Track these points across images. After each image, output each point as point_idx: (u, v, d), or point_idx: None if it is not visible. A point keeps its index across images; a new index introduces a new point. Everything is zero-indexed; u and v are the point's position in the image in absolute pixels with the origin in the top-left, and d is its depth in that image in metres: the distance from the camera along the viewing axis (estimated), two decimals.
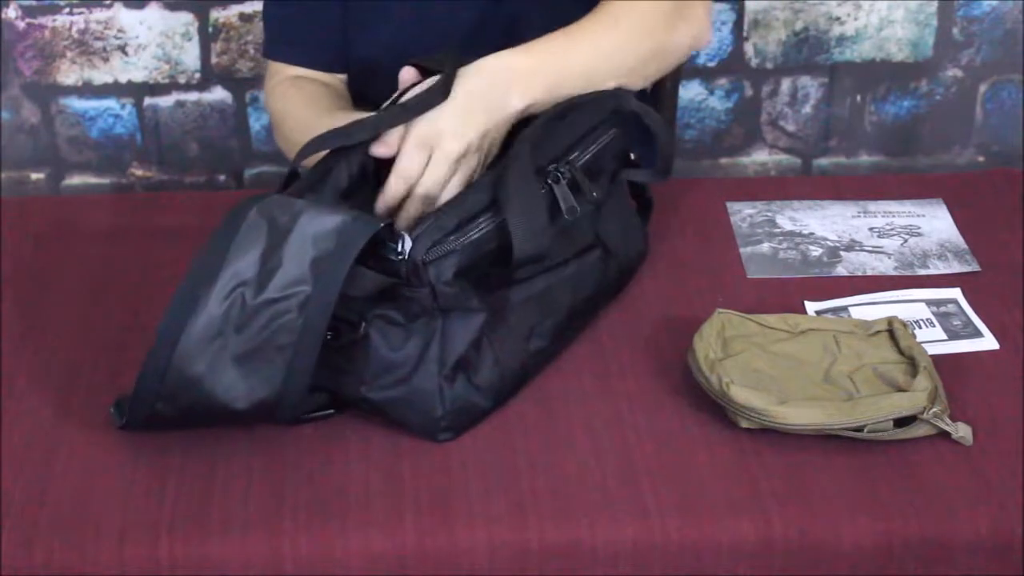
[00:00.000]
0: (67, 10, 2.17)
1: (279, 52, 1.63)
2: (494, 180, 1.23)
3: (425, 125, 1.28)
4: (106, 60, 2.20)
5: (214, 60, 2.22)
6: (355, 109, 1.57)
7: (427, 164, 1.28)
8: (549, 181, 1.26)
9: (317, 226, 1.14)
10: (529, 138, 1.27)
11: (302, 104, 1.57)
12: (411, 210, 1.28)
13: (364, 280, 1.15)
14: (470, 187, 1.24)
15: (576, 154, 1.30)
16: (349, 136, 1.27)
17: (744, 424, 1.20)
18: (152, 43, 2.20)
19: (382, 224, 1.15)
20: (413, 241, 1.15)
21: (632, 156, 1.42)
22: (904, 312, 1.36)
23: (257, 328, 1.12)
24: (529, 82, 1.33)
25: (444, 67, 1.32)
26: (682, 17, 1.45)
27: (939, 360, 1.26)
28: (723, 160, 2.36)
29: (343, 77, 1.65)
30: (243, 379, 1.13)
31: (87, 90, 2.23)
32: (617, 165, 1.36)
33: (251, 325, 1.12)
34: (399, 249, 1.15)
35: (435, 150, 1.27)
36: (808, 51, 2.26)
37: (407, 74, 1.35)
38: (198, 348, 1.12)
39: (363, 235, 1.14)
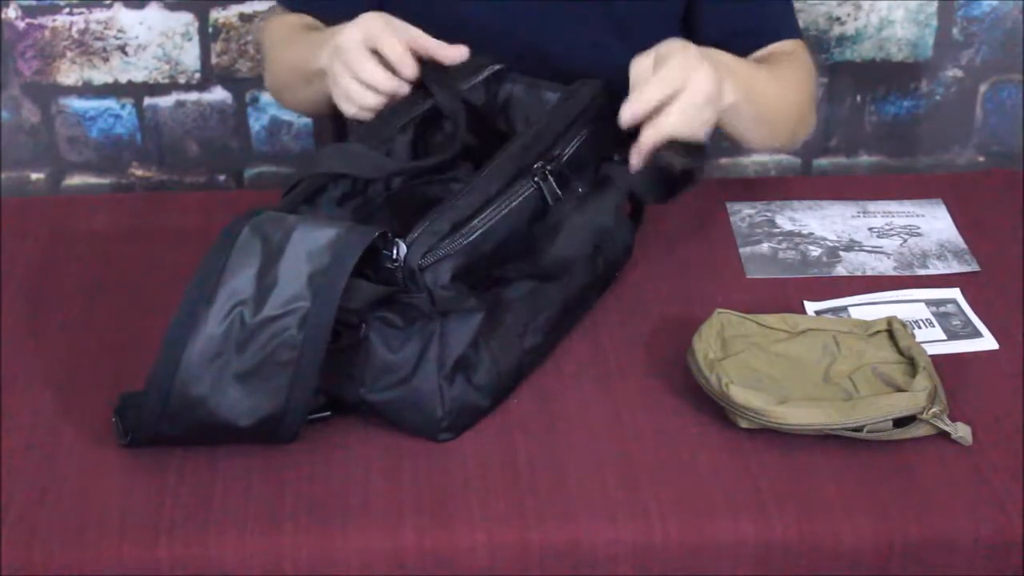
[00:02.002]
0: (67, 10, 2.17)
1: (300, 3, 1.61)
2: (486, 182, 1.23)
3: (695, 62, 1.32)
4: (106, 60, 2.20)
5: (214, 60, 2.22)
6: None
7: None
8: (536, 179, 1.27)
9: (311, 241, 1.14)
10: (556, 135, 1.30)
11: (287, 32, 1.58)
12: (667, 124, 1.30)
13: (361, 292, 1.15)
14: (461, 190, 1.23)
15: (559, 150, 1.30)
16: (357, 168, 1.27)
17: (744, 424, 1.20)
18: (152, 43, 2.20)
19: (376, 234, 1.15)
20: (408, 248, 1.15)
21: (615, 157, 1.42)
22: (903, 312, 1.36)
23: (258, 346, 1.13)
24: (740, 84, 1.39)
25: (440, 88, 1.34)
26: (813, 110, 1.57)
27: (938, 360, 1.26)
28: (723, 160, 2.36)
29: None
30: (247, 397, 1.14)
31: (87, 90, 2.23)
32: (598, 157, 1.36)
33: (252, 344, 1.13)
34: (394, 256, 1.15)
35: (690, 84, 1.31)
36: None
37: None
38: (199, 369, 1.12)
39: (357, 247, 1.14)
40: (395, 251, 1.16)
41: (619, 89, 1.35)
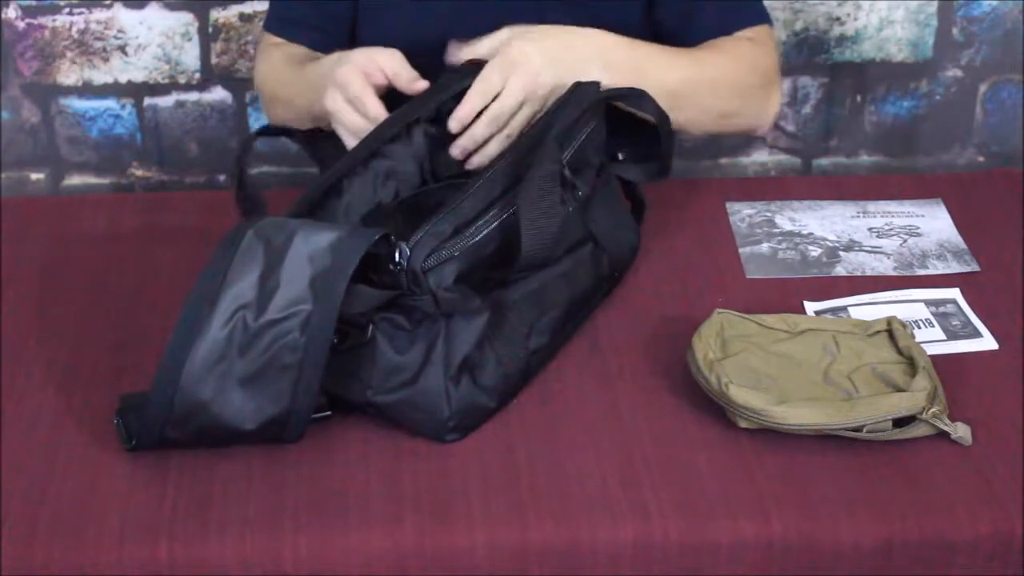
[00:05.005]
0: (67, 10, 2.17)
1: (281, 29, 1.65)
2: (489, 184, 1.23)
3: (516, 51, 1.37)
4: (106, 60, 2.20)
5: (214, 60, 2.22)
6: None
7: (503, 88, 1.35)
8: None
9: (312, 244, 1.14)
10: (558, 137, 1.28)
11: (281, 62, 1.60)
12: (478, 131, 1.35)
13: (363, 297, 1.15)
14: (466, 192, 1.23)
15: (562, 152, 1.30)
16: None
17: (743, 424, 1.20)
18: (152, 43, 2.19)
19: (377, 236, 1.15)
20: (411, 250, 1.15)
21: (620, 156, 1.42)
22: (903, 312, 1.36)
23: (261, 350, 1.13)
24: (617, 70, 1.40)
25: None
26: (769, 94, 1.52)
27: (938, 360, 1.26)
28: (723, 160, 2.36)
29: None
30: (250, 400, 1.14)
31: (87, 90, 2.22)
32: (601, 158, 1.36)
33: (254, 347, 1.13)
34: (397, 259, 1.15)
35: (512, 76, 1.35)
36: (808, 51, 2.26)
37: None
38: (203, 374, 1.12)
39: (359, 249, 1.14)
40: (397, 254, 1.15)
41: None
